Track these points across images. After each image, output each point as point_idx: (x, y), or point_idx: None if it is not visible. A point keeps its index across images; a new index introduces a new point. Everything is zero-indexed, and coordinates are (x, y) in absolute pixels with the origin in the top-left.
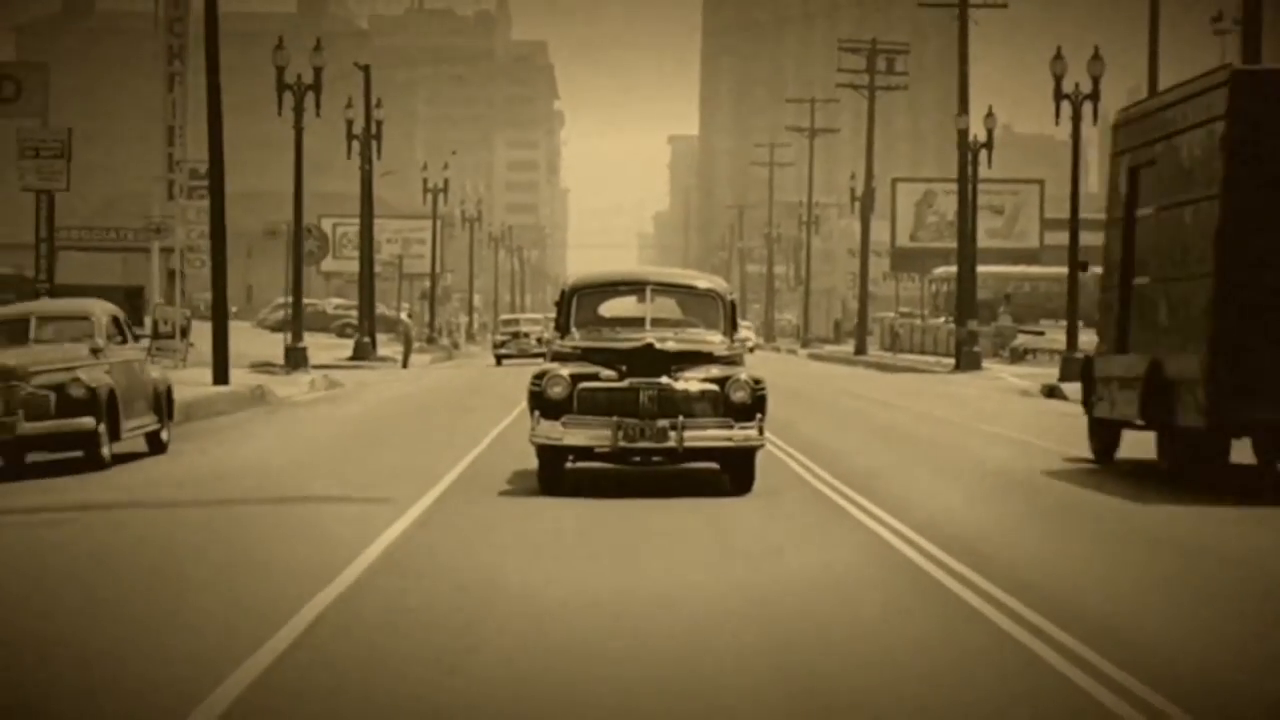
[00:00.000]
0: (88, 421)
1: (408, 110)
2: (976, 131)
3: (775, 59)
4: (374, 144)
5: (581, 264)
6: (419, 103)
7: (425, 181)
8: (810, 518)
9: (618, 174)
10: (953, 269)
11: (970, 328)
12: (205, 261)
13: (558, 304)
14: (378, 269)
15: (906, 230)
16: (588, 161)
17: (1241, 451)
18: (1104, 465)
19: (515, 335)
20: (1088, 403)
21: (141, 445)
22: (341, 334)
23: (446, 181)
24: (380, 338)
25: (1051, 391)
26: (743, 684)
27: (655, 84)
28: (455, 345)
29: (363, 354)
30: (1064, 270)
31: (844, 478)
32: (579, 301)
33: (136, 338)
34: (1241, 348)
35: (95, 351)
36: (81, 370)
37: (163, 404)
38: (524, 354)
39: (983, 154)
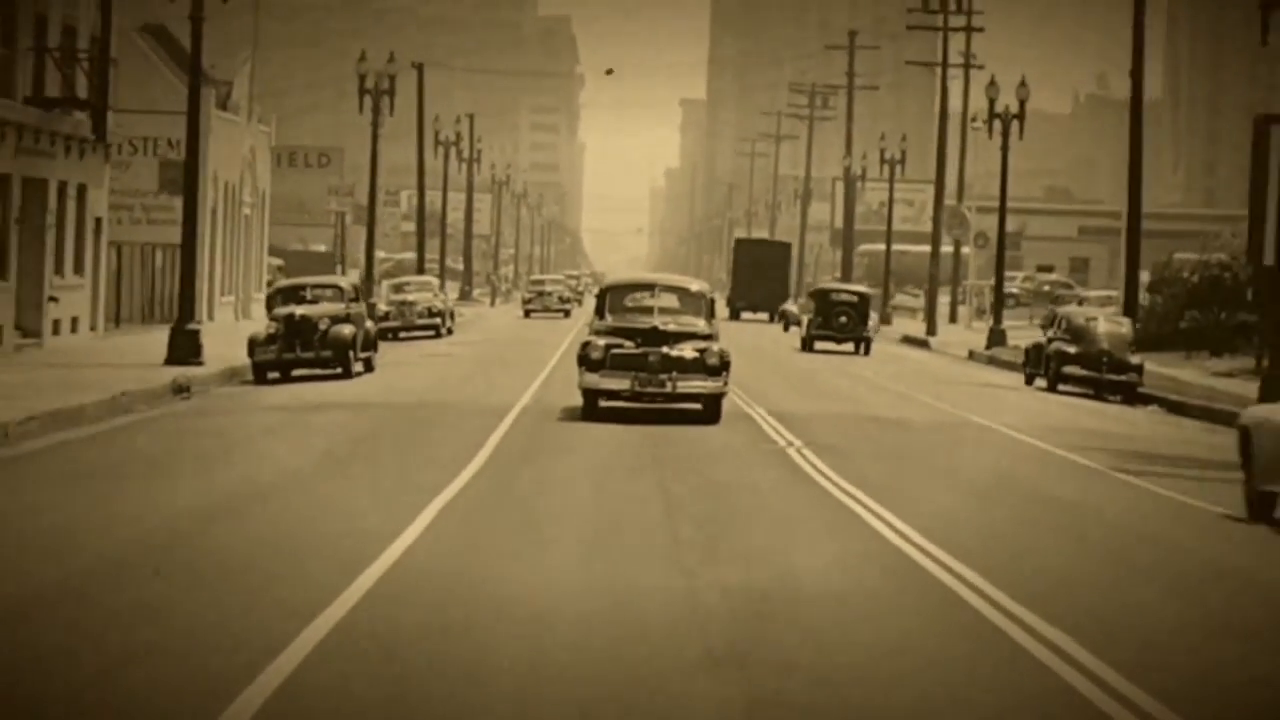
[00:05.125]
0: (438, 320)
1: (447, 74)
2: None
3: (775, 38)
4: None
5: (595, 218)
6: (456, 69)
7: (494, 171)
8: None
9: (632, 131)
10: (872, 246)
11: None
12: (391, 244)
13: (598, 297)
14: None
15: (842, 216)
16: (605, 118)
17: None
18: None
19: (540, 294)
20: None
21: (445, 332)
22: None
23: (509, 176)
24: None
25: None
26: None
27: (670, 51)
28: (509, 292)
29: (464, 296)
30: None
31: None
32: (611, 296)
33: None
34: (738, 292)
35: (434, 294)
36: (434, 300)
37: (450, 316)
38: (547, 309)
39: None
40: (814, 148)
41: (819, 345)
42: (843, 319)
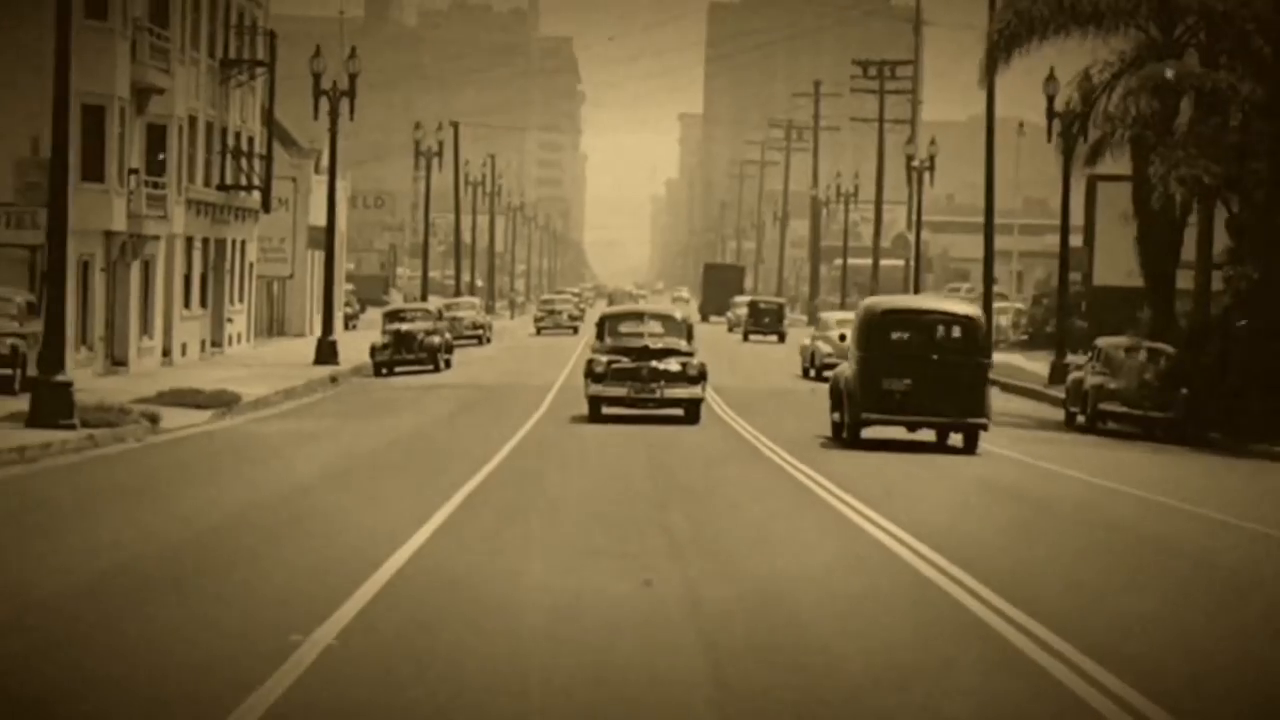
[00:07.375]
0: (480, 331)
1: (455, 93)
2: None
3: (768, 65)
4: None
5: (598, 228)
6: (467, 95)
7: (509, 201)
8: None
9: (633, 142)
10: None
11: (818, 300)
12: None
13: (598, 324)
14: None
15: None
16: (606, 132)
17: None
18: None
19: (551, 312)
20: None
21: (485, 341)
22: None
23: (522, 202)
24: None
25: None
26: (659, 451)
27: (669, 69)
28: (523, 305)
29: (488, 311)
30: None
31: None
32: (609, 323)
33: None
34: (706, 302)
35: (476, 311)
36: (477, 316)
37: (489, 328)
38: (558, 326)
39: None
40: (801, 168)
41: (753, 338)
42: (766, 319)
